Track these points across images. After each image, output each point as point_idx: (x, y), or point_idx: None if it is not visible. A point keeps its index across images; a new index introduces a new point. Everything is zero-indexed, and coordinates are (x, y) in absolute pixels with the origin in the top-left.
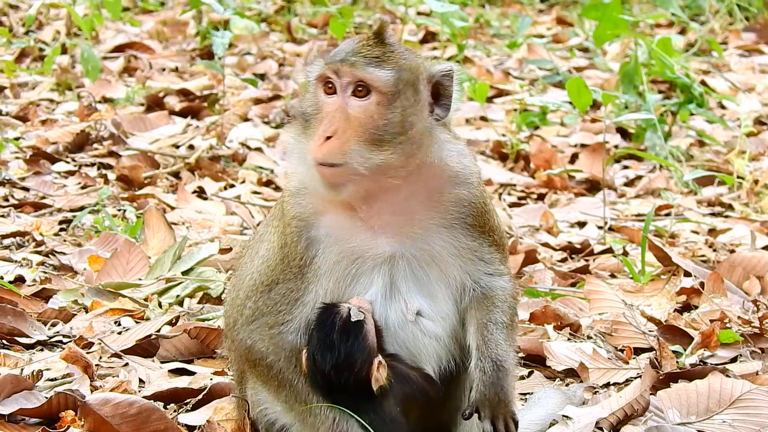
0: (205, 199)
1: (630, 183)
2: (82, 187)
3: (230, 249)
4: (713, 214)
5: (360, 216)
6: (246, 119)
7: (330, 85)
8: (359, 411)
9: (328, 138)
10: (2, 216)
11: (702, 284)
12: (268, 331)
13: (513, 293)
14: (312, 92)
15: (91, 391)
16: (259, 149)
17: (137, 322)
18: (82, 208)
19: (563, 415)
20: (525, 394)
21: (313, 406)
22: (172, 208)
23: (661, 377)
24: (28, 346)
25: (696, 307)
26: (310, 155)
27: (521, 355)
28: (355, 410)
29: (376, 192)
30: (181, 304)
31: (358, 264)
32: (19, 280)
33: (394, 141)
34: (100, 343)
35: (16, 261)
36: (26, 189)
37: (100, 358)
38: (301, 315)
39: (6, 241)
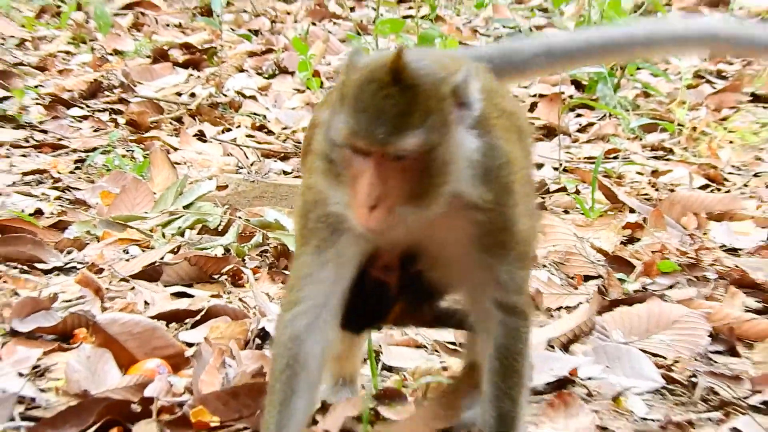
0: (205, 141)
1: (582, 129)
2: (95, 130)
3: (226, 186)
4: (656, 158)
5: None
6: (241, 70)
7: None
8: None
9: (373, 206)
10: (23, 155)
11: (645, 219)
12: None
13: (526, 335)
14: (337, 147)
15: (102, 312)
16: (253, 97)
17: (143, 251)
18: (94, 149)
19: None
20: None
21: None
22: (175, 150)
23: (606, 302)
24: (46, 272)
25: (639, 240)
26: (355, 221)
27: None
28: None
29: None
30: (182, 234)
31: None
32: (38, 212)
33: (439, 188)
34: (109, 269)
35: (35, 196)
36: (45, 132)
37: (110, 282)
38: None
39: (27, 178)
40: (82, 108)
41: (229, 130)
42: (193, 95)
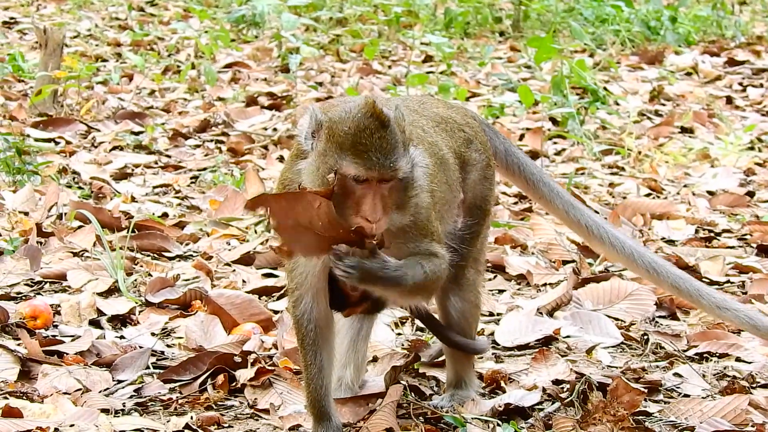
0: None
1: (558, 153)
2: (205, 155)
3: None
4: (612, 174)
5: None
6: None
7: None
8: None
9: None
10: (154, 174)
11: (605, 219)
12: None
13: (443, 263)
14: (336, 174)
15: (211, 288)
16: None
17: (241, 243)
18: (205, 169)
19: (516, 305)
20: (492, 290)
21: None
22: (263, 169)
23: (580, 280)
24: (171, 258)
25: None
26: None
27: (489, 265)
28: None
29: None
30: (269, 231)
31: None
32: (165, 215)
33: (414, 194)
34: (217, 257)
35: (162, 203)
36: (169, 156)
37: (217, 266)
38: None
39: (156, 190)
40: (195, 139)
41: None
42: (275, 130)
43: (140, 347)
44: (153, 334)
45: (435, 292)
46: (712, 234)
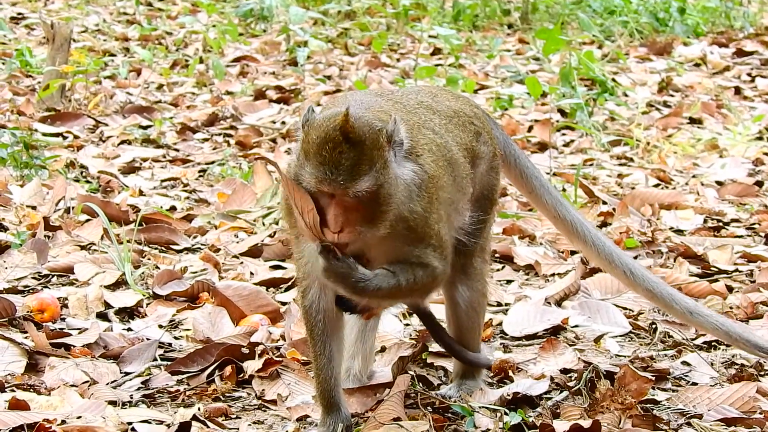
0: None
1: (566, 144)
2: (213, 149)
3: None
4: (620, 164)
5: None
6: (319, 104)
7: None
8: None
9: (339, 230)
10: (162, 167)
11: (614, 209)
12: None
13: (432, 275)
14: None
15: (219, 280)
16: None
17: (248, 235)
18: (213, 162)
19: (524, 295)
20: (500, 280)
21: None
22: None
23: (588, 269)
24: (179, 251)
25: (610, 224)
26: (326, 239)
27: (497, 256)
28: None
29: None
30: (277, 223)
31: None
32: (173, 208)
33: (386, 212)
34: (224, 249)
35: (170, 196)
36: (177, 150)
37: (225, 258)
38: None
39: (164, 184)
40: (203, 133)
41: None
42: (283, 123)
43: (147, 339)
44: (160, 326)
45: (419, 297)
46: (720, 223)
